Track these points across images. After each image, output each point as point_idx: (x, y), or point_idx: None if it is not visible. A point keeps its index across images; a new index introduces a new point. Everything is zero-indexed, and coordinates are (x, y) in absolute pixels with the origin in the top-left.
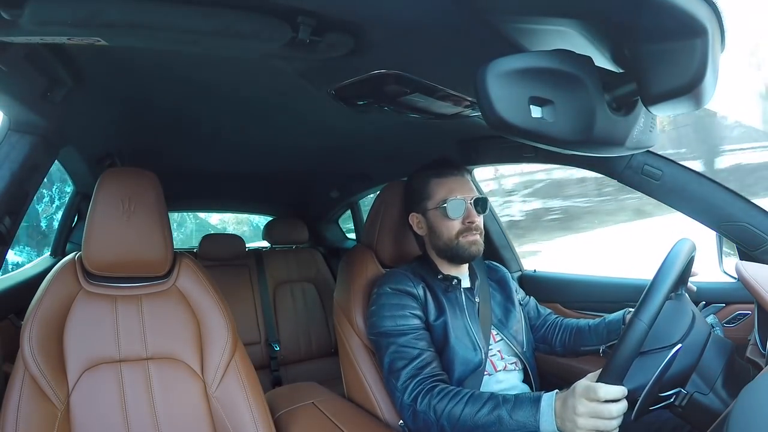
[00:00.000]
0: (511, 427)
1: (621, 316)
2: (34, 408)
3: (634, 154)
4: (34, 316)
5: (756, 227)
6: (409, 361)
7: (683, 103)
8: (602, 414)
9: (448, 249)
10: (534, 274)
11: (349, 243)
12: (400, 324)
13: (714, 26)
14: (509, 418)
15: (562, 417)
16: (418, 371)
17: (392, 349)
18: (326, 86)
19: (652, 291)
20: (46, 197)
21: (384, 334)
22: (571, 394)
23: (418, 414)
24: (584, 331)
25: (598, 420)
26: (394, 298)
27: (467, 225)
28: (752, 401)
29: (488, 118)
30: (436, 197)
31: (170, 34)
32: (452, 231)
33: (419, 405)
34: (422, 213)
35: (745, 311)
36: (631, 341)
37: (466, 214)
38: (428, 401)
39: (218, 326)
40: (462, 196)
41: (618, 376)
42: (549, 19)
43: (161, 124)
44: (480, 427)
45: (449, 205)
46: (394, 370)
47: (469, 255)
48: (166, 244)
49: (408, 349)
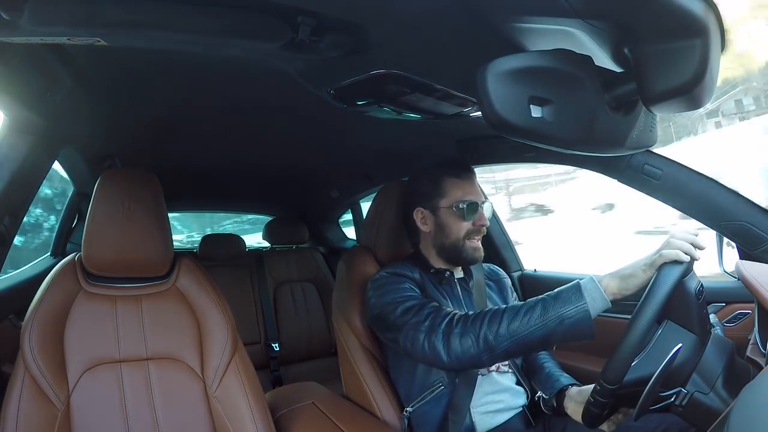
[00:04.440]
0: (558, 312)
1: (565, 385)
2: (35, 408)
3: (634, 154)
4: (34, 316)
5: (756, 226)
6: (423, 305)
7: (683, 103)
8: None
9: (453, 249)
10: (534, 274)
11: (349, 243)
12: (402, 294)
13: (714, 26)
14: (553, 304)
15: (618, 271)
16: (438, 309)
17: (400, 308)
18: (326, 86)
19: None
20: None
21: (388, 304)
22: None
23: (454, 340)
24: (540, 373)
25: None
26: (392, 278)
27: (477, 228)
28: (752, 401)
29: (488, 118)
30: (451, 196)
31: (170, 34)
32: (461, 232)
33: (455, 329)
34: (432, 210)
35: (746, 310)
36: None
37: (478, 217)
38: (464, 322)
39: (218, 326)
40: (476, 199)
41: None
42: (549, 19)
43: (161, 125)
44: (524, 326)
45: (467, 207)
46: (409, 318)
47: (471, 259)
48: (166, 244)
49: (417, 301)
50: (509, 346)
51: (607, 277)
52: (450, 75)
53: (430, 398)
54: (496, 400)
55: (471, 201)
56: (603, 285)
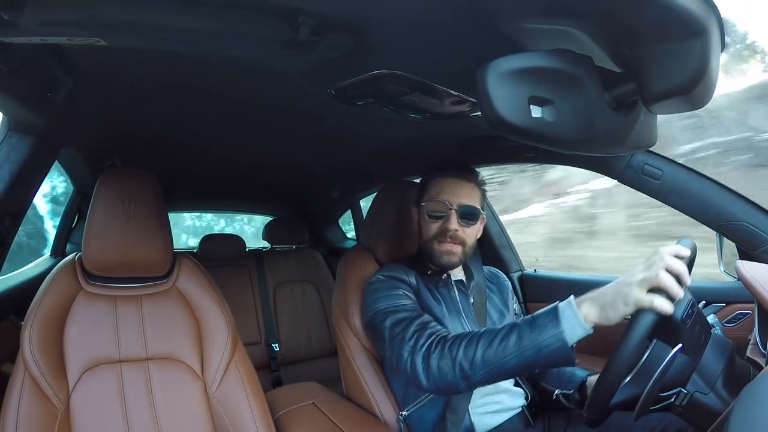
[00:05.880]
0: (534, 342)
1: (583, 378)
2: (35, 408)
3: (634, 154)
4: (34, 316)
5: (756, 227)
6: (410, 321)
7: (683, 103)
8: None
9: (426, 249)
10: (534, 274)
11: (349, 243)
12: (394, 302)
13: (714, 26)
14: (529, 333)
15: (596, 298)
16: (423, 326)
17: (390, 318)
18: (326, 86)
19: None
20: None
21: (380, 312)
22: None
23: (432, 364)
24: (550, 373)
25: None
26: (387, 282)
27: (443, 230)
28: (752, 401)
29: (488, 118)
30: (427, 195)
31: (170, 35)
32: (429, 233)
33: (433, 354)
34: (418, 208)
35: (746, 311)
36: None
37: (444, 219)
38: (441, 347)
39: (218, 326)
40: (447, 199)
41: None
42: (549, 19)
43: (161, 125)
44: (500, 355)
45: (428, 205)
46: (397, 333)
47: (440, 263)
48: (166, 244)
49: (407, 313)
50: (485, 375)
51: (587, 303)
52: (450, 75)
53: (426, 401)
54: (494, 401)
55: (436, 200)
56: (582, 312)
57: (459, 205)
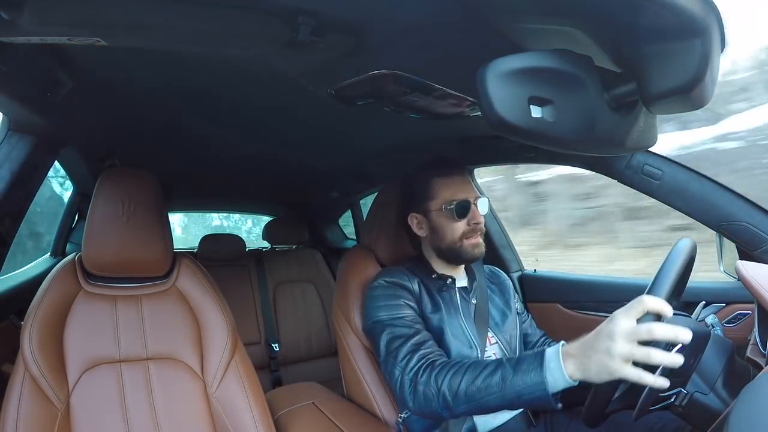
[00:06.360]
0: (516, 388)
1: None
2: (35, 408)
3: (634, 154)
4: (34, 316)
5: (756, 227)
6: (406, 339)
7: (683, 103)
8: (653, 332)
9: (451, 251)
10: (534, 274)
11: (349, 243)
12: (394, 313)
13: (714, 26)
14: (512, 376)
15: (581, 358)
16: (417, 347)
17: (388, 332)
18: (326, 86)
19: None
20: None
21: (378, 323)
22: (604, 324)
23: (419, 389)
24: None
25: (640, 345)
26: (389, 289)
27: (472, 226)
28: (752, 401)
29: (488, 118)
30: (440, 198)
31: (170, 34)
32: (457, 233)
33: (420, 379)
34: (424, 213)
35: (746, 311)
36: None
37: (471, 215)
38: (428, 374)
39: (218, 326)
40: (467, 196)
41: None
42: (549, 19)
43: (161, 125)
44: (482, 393)
45: (456, 207)
46: (392, 350)
47: (471, 257)
48: (166, 244)
49: (404, 329)
50: (467, 409)
51: (572, 362)
52: (450, 75)
53: None
54: None
55: (461, 199)
56: (568, 370)
57: (476, 199)
